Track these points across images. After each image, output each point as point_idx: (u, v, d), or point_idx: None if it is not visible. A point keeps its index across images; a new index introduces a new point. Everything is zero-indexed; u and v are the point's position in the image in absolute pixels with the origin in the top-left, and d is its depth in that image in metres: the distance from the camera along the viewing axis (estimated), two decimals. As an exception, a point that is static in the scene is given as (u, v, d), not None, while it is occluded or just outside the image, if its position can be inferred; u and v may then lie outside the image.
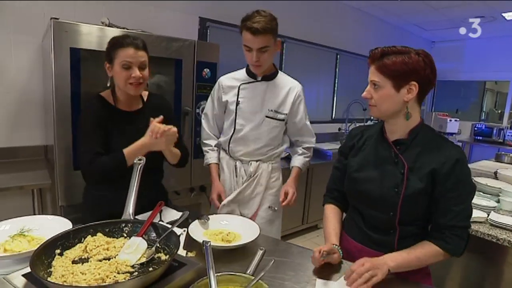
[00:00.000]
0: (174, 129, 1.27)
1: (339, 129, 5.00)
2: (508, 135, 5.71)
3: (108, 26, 1.95)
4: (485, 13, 4.57)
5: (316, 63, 4.46)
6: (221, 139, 1.72)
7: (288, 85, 1.64)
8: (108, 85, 1.38)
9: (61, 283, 0.69)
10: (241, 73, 1.66)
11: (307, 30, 4.18)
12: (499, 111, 7.51)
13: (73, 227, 0.90)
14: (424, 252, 1.02)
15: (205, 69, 2.28)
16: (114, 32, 1.86)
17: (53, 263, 0.79)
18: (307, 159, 1.76)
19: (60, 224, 1.02)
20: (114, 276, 0.75)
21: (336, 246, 1.11)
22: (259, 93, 1.61)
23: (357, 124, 5.16)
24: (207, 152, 1.75)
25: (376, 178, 1.10)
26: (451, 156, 1.02)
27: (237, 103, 1.61)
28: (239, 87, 1.62)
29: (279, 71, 1.68)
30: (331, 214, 1.25)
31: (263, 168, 1.67)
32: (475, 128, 6.15)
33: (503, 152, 3.63)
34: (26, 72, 2.37)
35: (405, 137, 1.09)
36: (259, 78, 1.62)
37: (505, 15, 4.54)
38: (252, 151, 1.65)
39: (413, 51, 1.03)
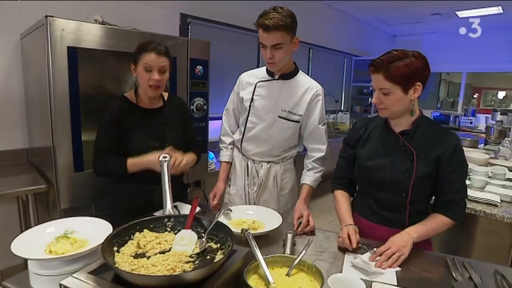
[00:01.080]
0: (183, 162, 1.38)
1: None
2: (463, 122, 6.29)
3: (102, 24, 1.91)
4: (441, 11, 4.98)
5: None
6: (235, 137, 1.73)
7: (306, 85, 1.59)
8: (135, 82, 1.46)
9: (149, 274, 0.76)
10: (261, 71, 1.64)
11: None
12: (451, 100, 8.21)
13: (122, 226, 0.93)
14: (437, 222, 1.20)
15: (197, 66, 2.31)
16: (109, 31, 1.83)
17: (116, 259, 0.83)
18: (318, 174, 1.61)
19: (97, 225, 1.04)
20: (182, 266, 0.81)
21: (354, 226, 1.24)
22: (274, 92, 1.58)
23: (330, 115, 5.43)
24: (222, 149, 1.77)
25: (387, 165, 1.23)
26: (450, 142, 1.18)
27: (252, 100, 1.60)
28: (256, 84, 1.60)
29: (300, 71, 1.63)
30: (343, 199, 1.38)
31: (276, 169, 1.65)
32: (433, 116, 6.66)
33: (461, 137, 4.03)
34: (3, 72, 2.24)
35: (410, 128, 1.23)
36: (277, 77, 1.58)
37: (458, 13, 4.98)
38: (263, 151, 1.63)
39: (410, 54, 1.15)
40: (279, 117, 1.58)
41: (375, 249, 1.13)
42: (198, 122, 2.39)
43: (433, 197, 1.30)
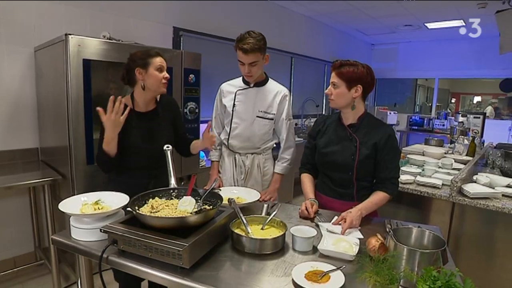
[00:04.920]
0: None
1: (296, 124, 5.58)
2: (436, 124, 6.78)
3: (109, 39, 2.24)
4: (412, 23, 5.48)
5: (273, 66, 4.95)
6: (222, 136, 2.05)
7: (275, 90, 1.95)
8: (143, 86, 1.62)
9: (163, 216, 1.11)
10: (238, 81, 1.98)
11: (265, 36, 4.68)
12: (430, 104, 8.73)
13: (139, 194, 1.27)
14: (378, 198, 1.55)
15: (190, 75, 2.66)
16: (115, 45, 2.17)
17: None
18: (285, 164, 2.04)
19: (118, 196, 1.37)
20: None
21: (314, 200, 1.61)
22: (251, 97, 1.93)
23: (311, 119, 5.83)
24: (211, 150, 2.07)
25: (338, 151, 1.60)
26: (385, 132, 1.56)
27: (234, 106, 1.95)
28: (235, 93, 1.95)
29: (270, 79, 1.99)
30: (307, 179, 1.75)
31: (259, 159, 2.01)
32: (410, 120, 7.14)
33: (430, 137, 4.48)
34: (18, 80, 2.55)
35: (356, 122, 1.60)
36: (252, 85, 1.94)
37: (427, 24, 5.48)
38: (247, 145, 1.97)
39: (360, 65, 1.54)
40: (257, 117, 1.95)
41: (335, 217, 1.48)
42: (191, 124, 2.74)
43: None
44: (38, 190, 2.63)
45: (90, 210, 1.28)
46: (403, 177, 2.22)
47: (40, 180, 2.14)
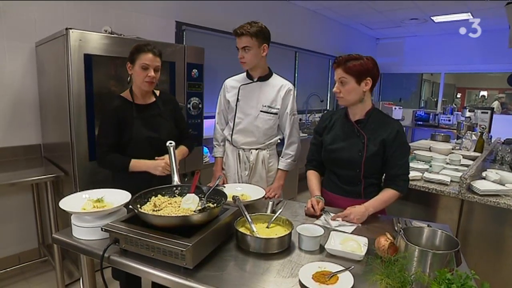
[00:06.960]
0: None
1: (300, 119, 5.53)
2: (442, 119, 6.69)
3: (111, 33, 2.20)
4: (419, 16, 5.37)
5: (277, 61, 4.91)
6: (225, 132, 2.04)
7: (279, 84, 1.92)
8: (129, 80, 1.68)
9: (166, 215, 1.07)
10: (242, 76, 1.98)
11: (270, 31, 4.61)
12: (435, 99, 8.63)
13: (141, 192, 1.24)
14: (387, 196, 1.51)
15: (193, 70, 2.62)
16: (117, 39, 2.13)
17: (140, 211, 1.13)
18: (289, 160, 2.01)
19: (120, 194, 1.34)
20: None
21: (320, 197, 1.57)
22: (255, 92, 1.91)
23: (316, 115, 5.77)
24: (215, 146, 2.09)
25: (345, 147, 1.56)
26: (393, 128, 1.51)
27: (237, 100, 1.93)
28: (239, 87, 1.94)
29: (274, 73, 1.97)
30: (313, 176, 1.71)
31: (263, 154, 1.98)
32: (416, 115, 7.05)
33: (436, 133, 4.41)
34: (20, 76, 2.52)
35: (363, 117, 1.56)
36: (255, 79, 1.92)
37: (434, 18, 5.37)
38: (251, 141, 1.95)
39: (364, 57, 1.48)
40: (261, 111, 1.92)
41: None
42: (194, 119, 2.70)
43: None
44: (41, 187, 2.61)
45: (91, 208, 1.25)
46: (410, 173, 2.17)
47: (43, 176, 2.11)
